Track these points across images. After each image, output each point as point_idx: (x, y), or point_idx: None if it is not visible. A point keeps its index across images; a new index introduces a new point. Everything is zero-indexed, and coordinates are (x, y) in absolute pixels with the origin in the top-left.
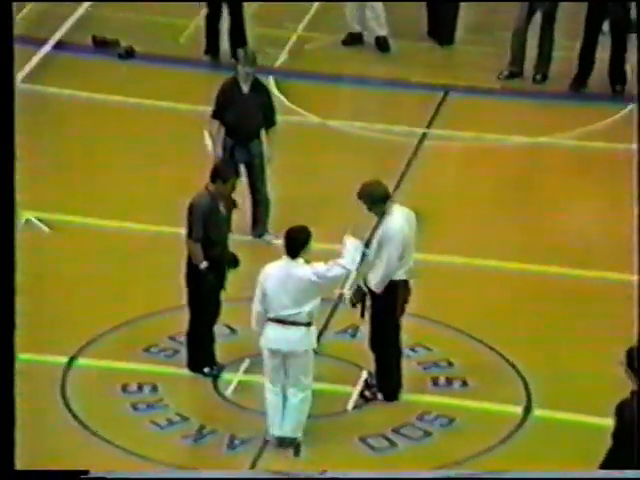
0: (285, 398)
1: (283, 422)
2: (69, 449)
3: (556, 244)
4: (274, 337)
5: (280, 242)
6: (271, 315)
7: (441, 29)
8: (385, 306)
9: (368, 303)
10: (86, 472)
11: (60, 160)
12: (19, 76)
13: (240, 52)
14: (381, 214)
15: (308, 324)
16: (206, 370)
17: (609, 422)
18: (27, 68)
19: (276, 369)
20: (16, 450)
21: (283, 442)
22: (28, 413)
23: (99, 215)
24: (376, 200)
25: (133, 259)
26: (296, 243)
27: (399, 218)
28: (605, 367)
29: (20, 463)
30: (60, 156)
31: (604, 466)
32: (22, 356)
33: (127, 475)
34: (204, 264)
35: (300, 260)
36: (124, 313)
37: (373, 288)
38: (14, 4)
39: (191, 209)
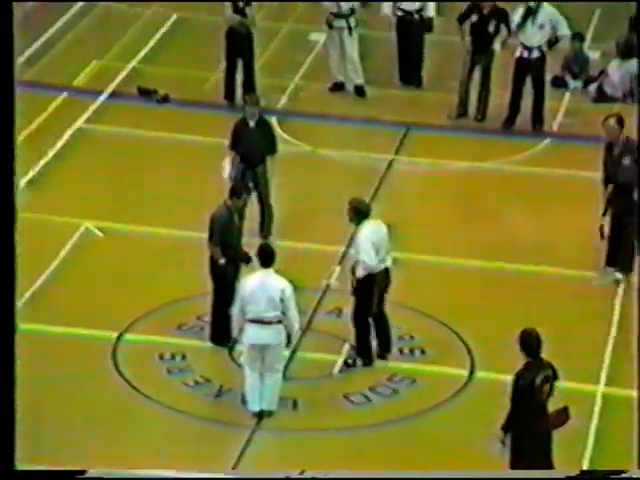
0: (262, 381)
1: (261, 399)
2: (118, 406)
3: (498, 245)
4: (253, 334)
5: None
6: (251, 316)
7: (414, 74)
8: (364, 293)
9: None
10: (83, 472)
11: (112, 181)
12: (82, 118)
13: (245, 97)
14: (356, 225)
15: (279, 322)
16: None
17: None
18: (88, 112)
19: (254, 359)
20: (70, 408)
21: (261, 414)
22: (85, 377)
23: (142, 223)
24: (358, 213)
25: (168, 256)
26: (269, 256)
27: (366, 231)
28: None
29: (78, 418)
30: (112, 178)
31: (506, 424)
32: (81, 331)
33: (126, 475)
34: (222, 261)
35: (272, 270)
36: (161, 298)
37: (358, 276)
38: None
39: (212, 219)
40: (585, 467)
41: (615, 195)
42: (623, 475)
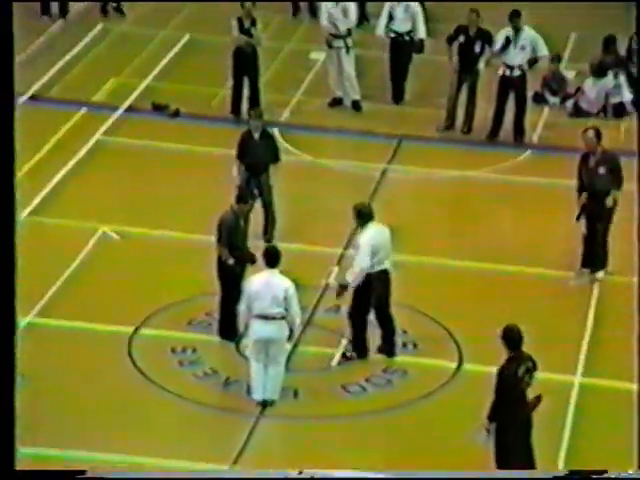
0: (266, 372)
1: (265, 389)
2: (134, 395)
3: (484, 247)
4: (259, 329)
5: (283, 245)
6: (256, 312)
7: (398, 92)
8: (361, 292)
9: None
10: (83, 472)
11: (128, 188)
12: (100, 131)
13: (250, 111)
14: (361, 227)
15: (282, 318)
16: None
17: None
18: (106, 126)
19: (259, 352)
20: (89, 397)
21: (265, 403)
22: (102, 368)
23: (156, 226)
24: (362, 216)
25: (179, 257)
26: (275, 257)
27: (369, 233)
28: None
29: (96, 407)
30: (128, 185)
31: (491, 414)
32: (100, 327)
33: (127, 475)
34: (231, 261)
35: (277, 270)
36: (173, 296)
37: (349, 283)
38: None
39: (220, 223)
40: (563, 451)
41: (590, 202)
42: (622, 475)
